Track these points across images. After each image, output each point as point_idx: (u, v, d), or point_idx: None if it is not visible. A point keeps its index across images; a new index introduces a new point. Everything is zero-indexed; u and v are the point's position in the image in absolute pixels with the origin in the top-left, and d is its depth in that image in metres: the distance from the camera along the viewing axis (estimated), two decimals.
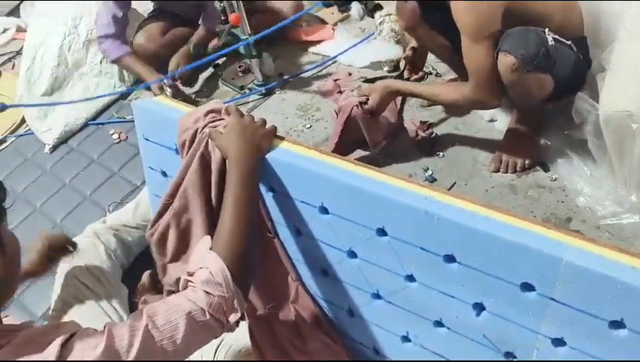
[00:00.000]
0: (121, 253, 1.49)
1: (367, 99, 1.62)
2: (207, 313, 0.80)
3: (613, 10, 1.43)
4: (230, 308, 0.84)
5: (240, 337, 1.22)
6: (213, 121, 1.07)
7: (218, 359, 1.21)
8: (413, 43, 1.88)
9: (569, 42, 1.39)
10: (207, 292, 0.81)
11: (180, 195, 1.09)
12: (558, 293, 0.79)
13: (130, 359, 0.73)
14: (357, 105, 1.63)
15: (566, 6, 1.44)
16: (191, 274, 0.85)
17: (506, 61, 1.36)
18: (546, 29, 1.36)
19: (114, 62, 2.21)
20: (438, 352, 1.04)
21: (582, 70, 1.45)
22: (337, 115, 1.74)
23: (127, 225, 1.53)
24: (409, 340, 1.07)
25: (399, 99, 1.75)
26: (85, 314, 1.27)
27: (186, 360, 0.82)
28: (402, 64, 1.97)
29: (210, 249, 0.87)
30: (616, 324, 0.77)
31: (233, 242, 0.88)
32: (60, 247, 1.32)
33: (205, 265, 0.85)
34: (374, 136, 1.68)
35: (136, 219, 1.54)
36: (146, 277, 1.35)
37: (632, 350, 0.77)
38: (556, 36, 1.37)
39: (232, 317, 0.84)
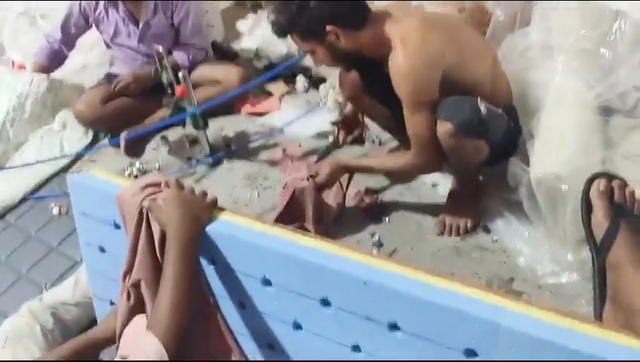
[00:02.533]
0: (58, 333, 1.40)
1: (317, 174, 1.66)
2: None
3: (538, 81, 1.54)
4: None
5: None
6: (153, 194, 1.06)
7: None
8: (347, 109, 1.94)
9: (500, 110, 1.48)
10: None
11: (134, 274, 1.06)
12: (499, 358, 0.80)
13: None
14: (307, 179, 1.65)
15: (495, 76, 1.54)
16: (124, 357, 0.80)
17: (443, 127, 1.43)
18: (479, 98, 1.44)
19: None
20: None
21: (513, 136, 1.53)
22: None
23: (66, 302, 1.46)
24: None
25: (345, 180, 1.78)
26: None
27: None
28: (335, 130, 2.03)
29: (147, 328, 0.84)
30: None
31: (171, 322, 0.85)
32: None
33: (142, 347, 0.81)
34: (318, 216, 1.70)
35: (75, 296, 1.47)
36: None
37: None
38: (488, 105, 1.45)
39: None
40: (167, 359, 0.80)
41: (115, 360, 0.82)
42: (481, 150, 1.46)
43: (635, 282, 0.78)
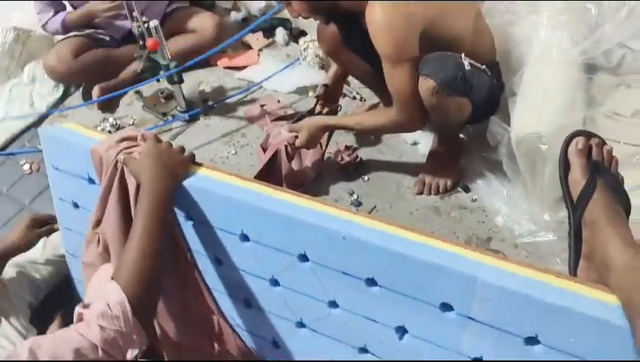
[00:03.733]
0: (27, 292, 1.37)
1: (296, 137, 1.63)
2: (99, 349, 0.74)
3: (523, 37, 1.51)
4: (128, 342, 0.78)
5: None
6: (129, 148, 1.03)
7: None
8: (327, 79, 1.86)
9: (483, 67, 1.46)
10: (101, 326, 0.75)
11: (102, 226, 1.04)
12: (475, 312, 0.80)
13: None
14: (286, 145, 1.63)
15: (478, 31, 1.51)
16: (86, 306, 0.78)
17: (426, 85, 1.40)
18: (462, 54, 1.42)
19: (66, 30, 2.16)
20: None
21: (496, 94, 1.51)
22: (263, 149, 1.74)
23: (36, 261, 1.42)
24: None
25: (324, 140, 1.75)
26: None
27: None
28: (314, 101, 1.90)
29: (112, 278, 0.82)
30: (532, 340, 0.78)
31: (136, 272, 0.82)
32: (43, 223, 1.32)
33: (103, 296, 0.79)
34: (293, 179, 1.69)
35: (45, 254, 1.43)
36: (59, 319, 1.26)
37: None
38: (472, 61, 1.42)
39: (129, 354, 0.78)
40: (128, 307, 0.77)
41: (77, 308, 0.80)
42: (463, 108, 1.45)
43: (610, 239, 0.78)
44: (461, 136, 1.72)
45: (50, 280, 1.42)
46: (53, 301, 1.41)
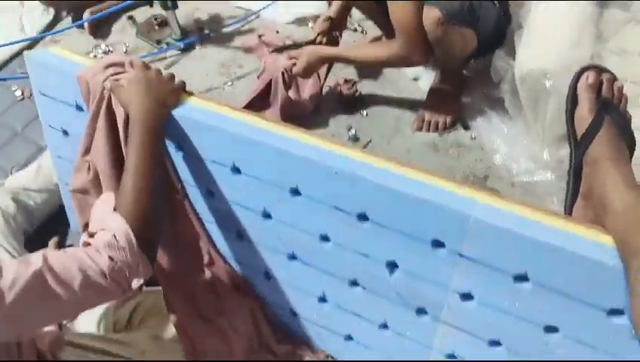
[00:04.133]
0: (22, 218, 1.37)
1: (294, 64, 1.57)
2: (107, 276, 0.75)
3: None
4: (134, 273, 0.79)
5: (155, 302, 1.17)
6: (116, 74, 0.99)
7: (133, 324, 1.16)
8: (331, 12, 1.76)
9: None
10: (110, 257, 0.76)
11: (91, 154, 1.02)
12: (466, 249, 0.80)
13: (10, 298, 0.66)
14: (283, 72, 1.58)
15: None
16: (91, 235, 0.78)
17: (431, 15, 1.33)
18: None
19: None
20: (354, 311, 1.04)
21: (502, 26, 1.45)
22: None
23: (29, 188, 1.41)
24: (325, 301, 1.06)
25: (323, 72, 1.69)
26: None
27: None
28: (314, 33, 1.79)
29: (115, 209, 0.81)
30: (521, 278, 0.78)
31: (138, 204, 0.82)
32: None
33: (108, 226, 0.79)
34: (290, 110, 1.64)
35: (38, 181, 1.42)
36: (52, 244, 1.27)
37: (535, 302, 0.79)
38: None
39: (135, 283, 0.79)
40: (133, 239, 0.78)
41: (83, 238, 0.80)
42: (469, 40, 1.39)
43: (610, 178, 0.76)
44: (463, 72, 1.67)
45: (45, 207, 1.42)
46: (48, 228, 1.41)
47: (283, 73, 1.60)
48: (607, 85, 0.85)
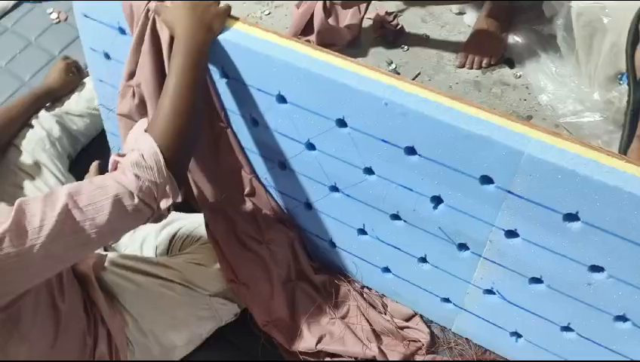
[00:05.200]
0: (66, 141, 1.40)
1: None
2: (135, 197, 0.76)
3: None
4: (162, 193, 0.79)
5: (196, 229, 1.20)
6: None
7: (174, 250, 1.20)
8: None
9: None
10: (136, 175, 0.76)
11: (136, 78, 1.02)
12: (516, 186, 0.79)
13: (40, 240, 0.67)
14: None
15: None
16: (121, 156, 0.79)
17: None
18: None
19: None
20: (393, 244, 1.05)
21: None
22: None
23: (71, 112, 1.43)
24: (365, 233, 1.07)
25: (364, 5, 1.61)
26: None
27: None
28: None
29: (146, 131, 0.82)
30: (571, 217, 0.77)
31: (170, 125, 0.81)
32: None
33: (137, 147, 0.79)
34: (325, 37, 1.58)
35: (79, 106, 1.44)
36: (94, 167, 1.29)
37: (583, 241, 0.79)
38: None
39: (164, 203, 0.80)
40: (161, 159, 0.78)
41: (113, 156, 0.81)
42: None
43: None
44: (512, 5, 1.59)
45: (87, 131, 1.44)
46: (90, 152, 1.44)
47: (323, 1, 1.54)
48: None
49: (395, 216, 0.99)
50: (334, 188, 1.03)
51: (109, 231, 0.75)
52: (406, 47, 1.65)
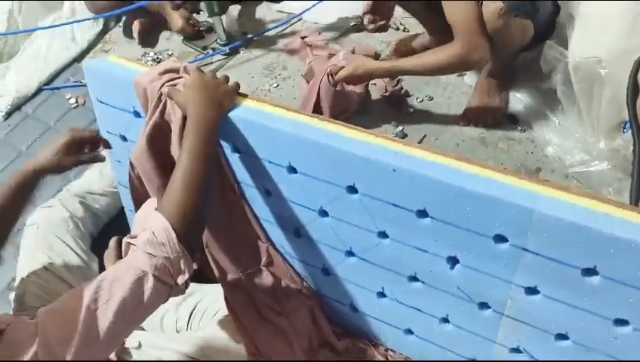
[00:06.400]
0: (89, 221, 1.43)
1: (342, 67, 1.55)
2: (150, 276, 0.75)
3: None
4: (177, 269, 0.79)
5: (215, 301, 1.20)
6: (172, 80, 1.02)
7: (193, 324, 1.19)
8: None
9: None
10: (149, 253, 0.76)
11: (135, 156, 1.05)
12: (530, 244, 0.79)
13: (70, 356, 0.67)
14: (327, 75, 1.58)
15: None
16: (133, 237, 0.80)
17: (493, 6, 1.31)
18: None
19: None
20: (413, 306, 1.04)
21: (555, 16, 1.42)
22: (307, 81, 1.69)
23: (94, 192, 1.47)
24: (385, 296, 1.07)
25: None
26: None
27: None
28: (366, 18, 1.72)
29: (156, 209, 0.83)
30: (590, 272, 0.77)
31: (180, 200, 0.83)
32: (88, 141, 1.16)
33: (148, 225, 0.80)
34: (335, 108, 1.64)
35: (101, 185, 1.48)
36: (112, 243, 1.31)
37: (604, 296, 0.78)
38: None
39: (180, 279, 0.80)
40: (173, 234, 0.78)
41: (125, 239, 0.81)
42: (527, 31, 1.36)
43: None
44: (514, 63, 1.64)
45: (108, 210, 1.47)
46: (112, 230, 1.46)
47: (328, 76, 1.60)
48: None
49: (413, 278, 0.99)
50: (350, 253, 1.04)
51: (135, 317, 0.75)
52: (411, 109, 1.70)
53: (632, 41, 1.27)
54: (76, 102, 1.97)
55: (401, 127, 1.64)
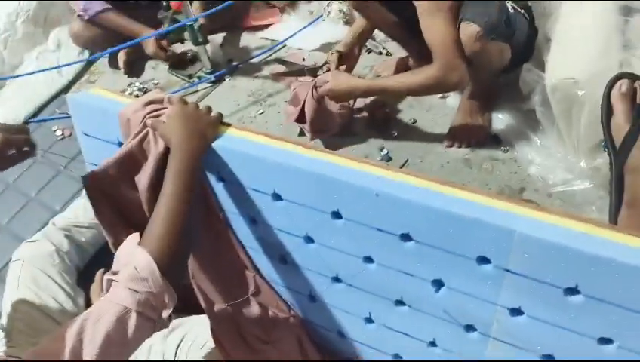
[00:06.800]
0: (75, 254, 1.42)
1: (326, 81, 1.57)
2: (134, 312, 0.74)
3: None
4: (160, 303, 0.78)
5: (202, 332, 1.19)
6: (155, 112, 1.02)
7: (180, 356, 1.18)
8: (341, 44, 1.73)
9: (522, 10, 1.40)
10: (132, 289, 0.75)
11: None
12: (513, 264, 0.79)
13: None
14: (313, 87, 1.60)
15: None
16: (115, 273, 0.79)
17: (469, 30, 1.34)
18: None
19: (90, 20, 2.06)
20: (401, 330, 1.04)
21: (533, 39, 1.46)
22: (292, 105, 1.72)
23: (78, 224, 1.46)
24: (372, 321, 1.07)
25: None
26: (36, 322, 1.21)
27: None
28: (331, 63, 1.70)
29: (138, 244, 0.82)
30: (572, 291, 0.77)
31: (163, 232, 0.82)
32: (17, 143, 1.12)
33: (130, 261, 0.79)
34: (317, 124, 1.66)
35: (87, 217, 1.47)
36: (98, 276, 1.30)
37: (587, 315, 0.78)
38: (514, 4, 1.37)
39: (165, 314, 0.79)
40: (156, 268, 0.77)
41: (106, 276, 0.80)
42: (504, 54, 1.39)
43: None
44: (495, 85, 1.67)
45: (94, 242, 1.46)
46: (98, 262, 1.45)
47: (313, 89, 1.61)
48: None
49: (400, 302, 0.99)
50: (336, 279, 1.04)
51: (120, 356, 0.74)
52: (395, 132, 1.72)
53: (608, 61, 1.30)
54: (62, 133, 1.97)
55: (386, 150, 1.66)
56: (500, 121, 1.64)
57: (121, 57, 2.12)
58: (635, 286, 0.71)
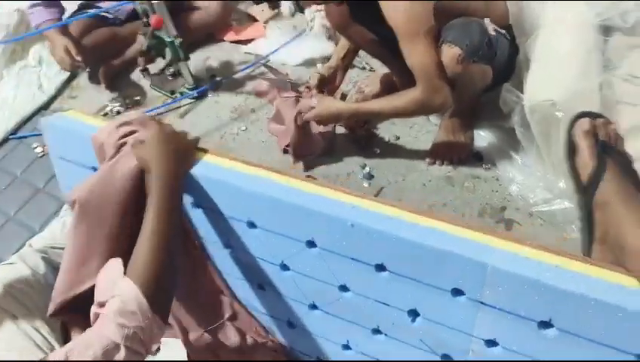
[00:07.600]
0: (52, 276, 1.39)
1: (312, 106, 1.56)
2: (122, 347, 0.72)
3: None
4: (149, 336, 0.76)
5: (181, 357, 1.17)
6: (129, 135, 1.01)
7: None
8: (323, 68, 1.73)
9: (503, 31, 1.40)
10: (120, 324, 0.73)
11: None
12: (486, 297, 0.79)
13: None
14: (297, 113, 1.60)
15: None
16: (102, 304, 0.77)
17: (451, 52, 1.34)
18: (487, 19, 1.36)
19: (37, 27, 1.99)
20: (378, 358, 1.03)
21: (514, 58, 1.46)
22: (275, 122, 1.71)
23: (55, 246, 1.44)
24: (349, 348, 1.06)
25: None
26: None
27: None
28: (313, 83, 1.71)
29: (124, 274, 0.80)
30: (545, 324, 0.77)
31: (149, 262, 0.80)
32: None
33: (117, 292, 0.77)
34: (300, 149, 1.67)
35: (63, 238, 1.45)
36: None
37: (562, 348, 0.77)
38: (495, 26, 1.37)
39: (154, 347, 0.78)
40: (144, 301, 0.76)
41: (93, 309, 0.78)
42: (486, 75, 1.40)
43: (625, 219, 0.76)
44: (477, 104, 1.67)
45: None
46: None
47: (297, 115, 1.61)
48: (603, 129, 0.85)
49: (376, 331, 0.98)
50: (314, 306, 1.03)
51: None
52: (378, 150, 1.71)
53: (586, 82, 1.31)
54: (42, 151, 1.95)
55: (367, 168, 1.65)
56: (482, 138, 1.64)
57: (102, 72, 2.10)
58: (610, 321, 0.71)
